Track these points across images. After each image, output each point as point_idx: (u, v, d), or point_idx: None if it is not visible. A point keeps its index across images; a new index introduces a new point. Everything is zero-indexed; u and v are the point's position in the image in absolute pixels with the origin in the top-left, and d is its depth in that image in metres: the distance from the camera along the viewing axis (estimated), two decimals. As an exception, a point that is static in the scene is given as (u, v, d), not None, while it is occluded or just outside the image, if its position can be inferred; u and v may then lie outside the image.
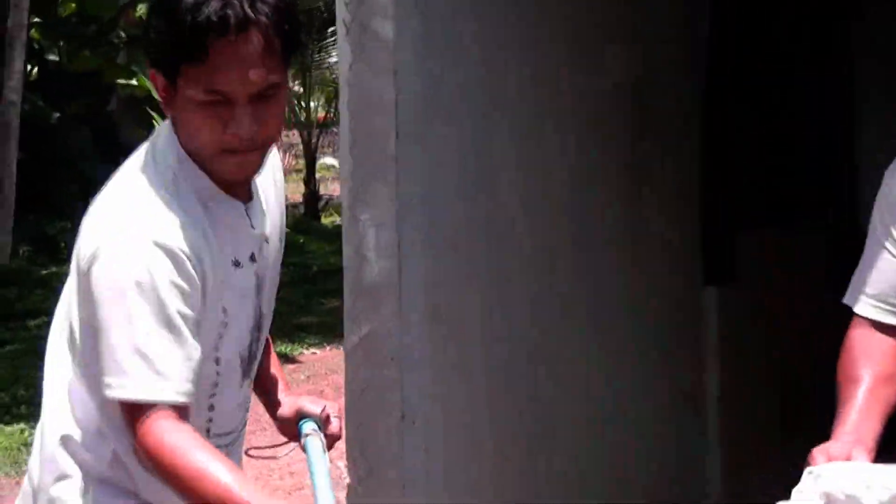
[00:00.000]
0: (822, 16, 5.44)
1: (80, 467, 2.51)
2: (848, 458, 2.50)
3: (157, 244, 2.36)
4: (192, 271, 2.38)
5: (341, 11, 3.43)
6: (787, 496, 2.41)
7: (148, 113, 15.13)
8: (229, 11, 2.31)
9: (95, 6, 15.23)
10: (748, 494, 2.54)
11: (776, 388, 5.10)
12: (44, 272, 12.99)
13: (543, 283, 3.98)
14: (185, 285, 2.37)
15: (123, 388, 2.34)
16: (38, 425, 2.59)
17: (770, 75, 5.02)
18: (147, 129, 9.58)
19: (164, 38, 2.37)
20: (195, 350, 2.38)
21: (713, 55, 4.72)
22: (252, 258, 2.52)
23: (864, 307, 2.78)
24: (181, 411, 2.35)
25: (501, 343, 3.80)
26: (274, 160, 2.67)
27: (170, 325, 2.35)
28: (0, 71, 13.11)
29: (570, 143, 4.12)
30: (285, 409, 2.72)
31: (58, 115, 15.12)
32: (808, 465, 2.48)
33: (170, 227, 2.38)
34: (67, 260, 2.57)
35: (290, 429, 2.70)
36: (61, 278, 2.54)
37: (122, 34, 15.83)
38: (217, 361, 2.49)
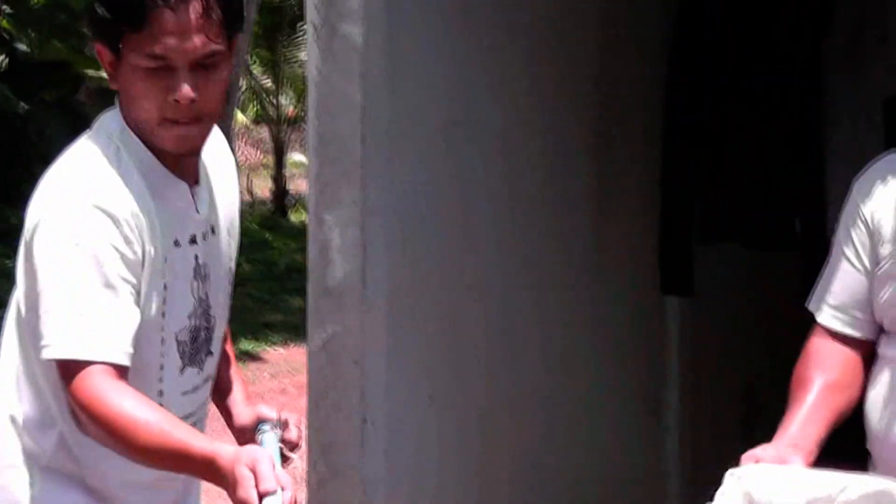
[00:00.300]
0: (790, 25, 5.45)
1: (26, 455, 2.51)
2: (781, 462, 2.50)
3: (97, 208, 2.37)
4: (134, 237, 2.39)
5: (311, 13, 3.43)
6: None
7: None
8: None
9: (67, -6, 15.17)
10: (706, 502, 2.56)
11: (736, 396, 5.12)
12: (8, 262, 12.94)
13: (508, 288, 3.99)
14: (126, 250, 2.38)
15: (59, 347, 2.34)
16: None
17: (736, 84, 5.02)
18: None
19: (106, 6, 2.42)
20: (135, 314, 2.38)
21: (674, 63, 4.73)
22: (193, 241, 2.53)
23: (824, 316, 2.80)
24: (119, 370, 2.35)
25: (465, 347, 3.81)
26: (225, 151, 2.70)
27: (109, 287, 2.35)
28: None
29: (538, 148, 4.13)
30: (245, 419, 2.71)
31: (27, 105, 15.03)
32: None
33: (112, 193, 2.40)
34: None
35: (250, 439, 2.70)
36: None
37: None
38: (162, 341, 2.50)
